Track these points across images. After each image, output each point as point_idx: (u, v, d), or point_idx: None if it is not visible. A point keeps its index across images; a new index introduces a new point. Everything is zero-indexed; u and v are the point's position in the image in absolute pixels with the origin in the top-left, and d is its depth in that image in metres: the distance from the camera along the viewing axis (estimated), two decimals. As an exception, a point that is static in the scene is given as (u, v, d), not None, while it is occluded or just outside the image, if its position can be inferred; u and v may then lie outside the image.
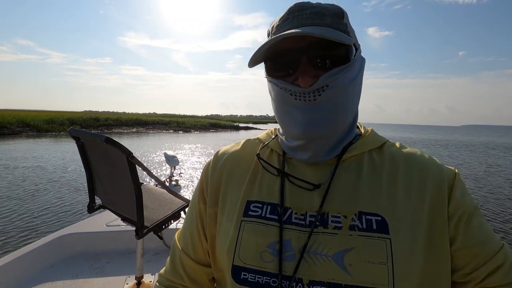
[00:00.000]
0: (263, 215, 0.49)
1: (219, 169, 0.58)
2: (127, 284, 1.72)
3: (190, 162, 11.41)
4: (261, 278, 0.46)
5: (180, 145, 18.31)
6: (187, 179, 8.28)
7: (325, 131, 0.47)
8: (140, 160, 1.34)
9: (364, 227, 0.45)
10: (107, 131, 27.56)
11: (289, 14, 0.48)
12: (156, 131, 31.21)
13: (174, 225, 1.64)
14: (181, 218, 1.63)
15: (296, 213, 0.48)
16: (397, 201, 0.46)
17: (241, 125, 55.51)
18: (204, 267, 0.57)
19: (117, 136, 22.27)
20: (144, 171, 1.36)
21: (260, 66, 0.52)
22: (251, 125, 59.55)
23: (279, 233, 0.47)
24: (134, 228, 1.36)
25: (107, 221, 2.27)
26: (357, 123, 0.57)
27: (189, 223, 0.60)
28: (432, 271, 0.44)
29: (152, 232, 1.43)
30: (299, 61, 0.46)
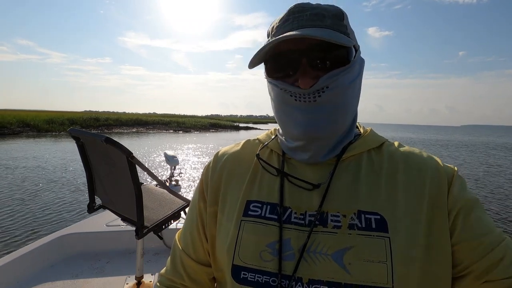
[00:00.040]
0: (262, 214, 0.50)
1: (219, 170, 0.58)
2: (127, 284, 1.72)
3: (190, 162, 11.42)
4: (260, 277, 0.46)
5: (180, 145, 18.31)
6: (187, 179, 8.28)
7: (325, 132, 0.48)
8: (140, 160, 1.34)
9: (363, 226, 0.45)
10: (107, 131, 27.57)
11: (289, 15, 0.48)
12: (156, 131, 31.22)
13: (174, 225, 1.63)
14: (181, 218, 1.63)
15: (296, 213, 0.48)
16: (396, 200, 0.46)
17: (241, 125, 55.50)
18: (204, 267, 0.57)
19: (117, 136, 22.28)
20: (144, 171, 1.36)
21: (260, 66, 0.52)
22: (251, 125, 59.55)
23: (278, 233, 0.47)
24: (134, 228, 1.36)
25: (107, 221, 2.27)
26: (357, 123, 0.57)
27: (189, 223, 0.60)
28: (432, 270, 0.43)
29: (152, 232, 1.43)
30: (299, 62, 0.46)
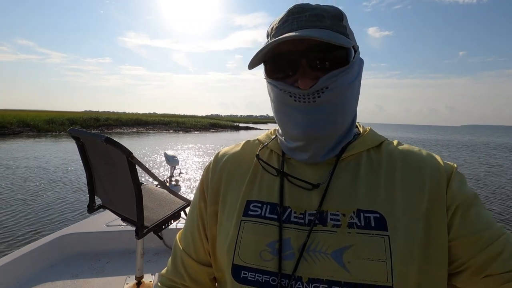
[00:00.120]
0: (262, 214, 0.50)
1: (219, 170, 0.58)
2: (127, 284, 1.72)
3: (190, 162, 11.42)
4: (260, 276, 0.46)
5: (180, 145, 18.31)
6: (187, 179, 8.28)
7: (324, 133, 0.48)
8: (140, 160, 1.34)
9: (363, 224, 0.45)
10: (107, 131, 27.59)
11: (288, 15, 0.48)
12: (156, 131, 31.23)
13: (174, 225, 1.63)
14: (181, 218, 1.63)
15: (296, 212, 0.49)
16: (395, 198, 0.46)
17: (241, 125, 55.52)
18: (205, 267, 0.57)
19: (117, 136, 22.29)
20: (144, 171, 1.36)
21: (260, 66, 0.52)
22: (251, 125, 59.57)
23: (278, 232, 0.47)
24: (134, 228, 1.36)
25: (107, 221, 2.27)
26: (357, 122, 0.57)
27: (190, 223, 0.60)
28: (431, 268, 0.43)
29: (152, 232, 1.43)
30: (298, 63, 0.46)
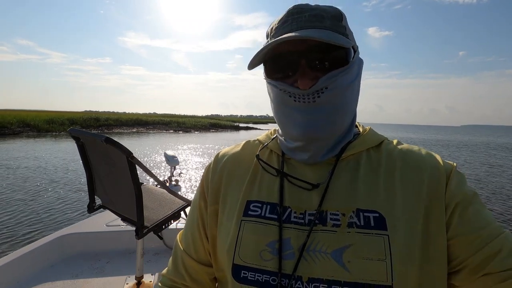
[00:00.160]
0: (262, 214, 0.50)
1: (219, 171, 0.58)
2: (127, 284, 1.72)
3: (190, 162, 11.42)
4: (260, 276, 0.46)
5: (180, 145, 18.32)
6: (187, 179, 8.28)
7: (324, 133, 0.48)
8: (140, 160, 1.34)
9: (362, 224, 0.45)
10: (107, 131, 27.60)
11: (288, 16, 0.48)
12: (157, 131, 31.24)
13: (174, 225, 1.64)
14: (181, 218, 1.63)
15: (295, 212, 0.49)
16: (394, 197, 0.46)
17: (241, 125, 55.54)
18: (205, 267, 0.57)
19: (117, 136, 22.29)
20: (144, 171, 1.36)
21: (260, 66, 0.52)
22: (251, 125, 59.59)
23: (278, 232, 0.47)
24: (134, 228, 1.36)
25: (107, 221, 2.27)
26: (356, 122, 0.57)
27: (190, 224, 0.60)
28: (430, 267, 0.43)
29: (152, 232, 1.43)
30: (298, 63, 0.46)
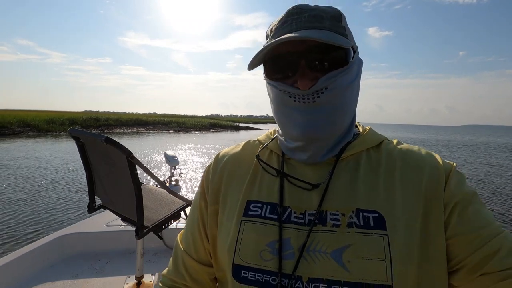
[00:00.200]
0: (262, 214, 0.50)
1: (219, 171, 0.59)
2: (127, 284, 1.72)
3: (190, 163, 11.42)
4: (261, 276, 0.46)
5: (180, 145, 18.32)
6: (187, 179, 8.28)
7: (324, 133, 0.48)
8: (140, 160, 1.34)
9: (362, 224, 0.45)
10: (107, 131, 27.60)
11: (287, 16, 0.48)
12: (157, 131, 31.24)
13: (174, 225, 1.64)
14: (181, 218, 1.63)
15: (295, 212, 0.49)
16: (394, 198, 0.46)
17: (241, 125, 55.53)
18: (206, 267, 0.58)
19: (117, 136, 22.29)
20: (144, 171, 1.36)
21: (260, 66, 0.52)
22: (251, 125, 59.59)
23: (278, 232, 0.48)
24: (134, 228, 1.36)
25: (107, 221, 2.27)
26: (356, 122, 0.57)
27: (190, 224, 0.61)
28: (430, 267, 0.43)
29: (152, 232, 1.43)
30: (298, 64, 0.46)
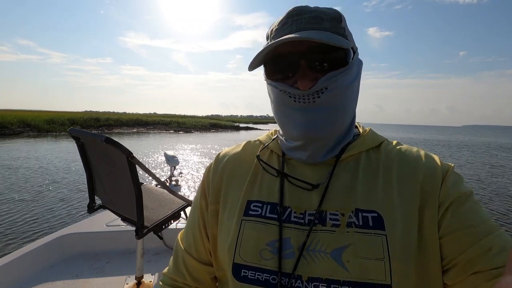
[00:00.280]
0: (263, 214, 0.50)
1: (220, 171, 0.59)
2: (127, 284, 1.72)
3: (190, 162, 11.42)
4: (261, 275, 0.46)
5: (180, 145, 18.34)
6: (187, 179, 8.28)
7: (323, 133, 0.48)
8: (141, 160, 1.34)
9: (361, 223, 0.45)
10: (107, 131, 27.63)
11: (288, 18, 0.48)
12: (157, 132, 31.28)
13: (174, 225, 1.64)
14: (181, 218, 1.63)
15: (295, 212, 0.49)
16: (392, 198, 0.46)
17: (241, 125, 55.57)
18: (206, 266, 0.58)
19: (117, 137, 22.30)
20: (144, 171, 1.36)
21: (260, 66, 0.53)
22: (251, 125, 59.63)
23: (278, 232, 0.48)
24: (134, 228, 1.36)
25: (107, 221, 2.27)
26: (356, 123, 0.57)
27: (191, 223, 0.61)
28: (427, 266, 0.43)
29: (152, 232, 1.43)
30: (298, 64, 0.47)
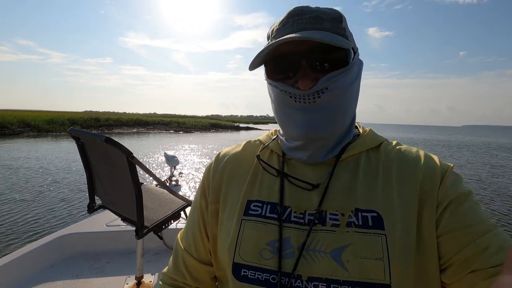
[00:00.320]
0: (263, 214, 0.50)
1: (220, 170, 0.59)
2: (127, 284, 1.72)
3: (190, 162, 11.43)
4: (261, 275, 0.46)
5: (181, 145, 18.34)
6: (187, 179, 8.28)
7: (324, 133, 0.48)
8: (141, 160, 1.34)
9: (360, 223, 0.45)
10: (107, 131, 27.63)
11: (288, 18, 0.48)
12: (157, 132, 31.28)
13: (174, 225, 1.63)
14: (181, 218, 1.63)
15: (295, 212, 0.49)
16: (392, 198, 0.46)
17: (241, 125, 55.56)
18: (206, 265, 0.58)
19: (117, 137, 22.29)
20: (144, 171, 1.36)
21: (260, 66, 0.53)
22: (251, 125, 59.63)
23: (278, 231, 0.48)
24: (134, 228, 1.36)
25: (107, 221, 2.27)
26: (356, 123, 0.58)
27: (191, 223, 0.61)
28: (426, 266, 0.43)
29: (152, 232, 1.43)
30: (299, 64, 0.47)
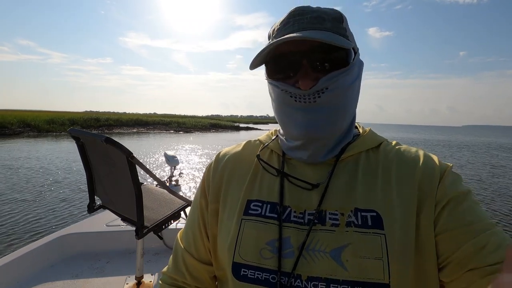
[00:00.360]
0: (263, 213, 0.50)
1: (220, 170, 0.59)
2: (127, 284, 1.72)
3: (190, 162, 11.43)
4: (260, 274, 0.47)
5: (181, 145, 18.35)
6: (187, 179, 8.28)
7: (324, 133, 0.48)
8: (141, 160, 1.34)
9: (360, 223, 0.45)
10: (107, 132, 27.63)
11: (289, 18, 0.48)
12: (157, 132, 31.28)
13: (174, 225, 1.64)
14: (181, 218, 1.63)
15: (295, 212, 0.49)
16: (391, 197, 0.46)
17: (241, 125, 55.58)
18: (206, 265, 0.58)
19: (117, 137, 22.29)
20: (144, 171, 1.36)
21: (261, 66, 0.53)
22: (251, 125, 59.65)
23: (278, 231, 0.48)
24: (134, 228, 1.36)
25: (107, 221, 2.27)
26: (356, 123, 0.58)
27: (191, 222, 0.61)
28: (425, 266, 0.44)
29: (152, 232, 1.43)
30: (299, 64, 0.47)
